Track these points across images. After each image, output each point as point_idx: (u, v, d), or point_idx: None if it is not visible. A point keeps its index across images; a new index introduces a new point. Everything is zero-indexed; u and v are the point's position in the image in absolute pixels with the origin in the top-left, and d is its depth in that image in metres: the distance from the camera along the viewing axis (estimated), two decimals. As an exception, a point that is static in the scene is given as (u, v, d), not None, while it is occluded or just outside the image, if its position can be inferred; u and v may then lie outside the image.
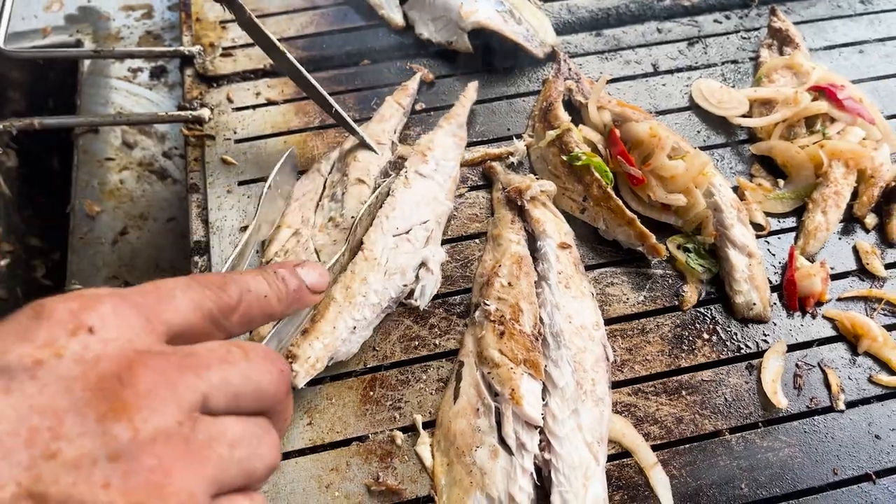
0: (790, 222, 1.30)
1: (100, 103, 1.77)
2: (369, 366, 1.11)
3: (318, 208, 1.25)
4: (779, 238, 1.28)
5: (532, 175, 1.32)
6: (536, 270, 1.18)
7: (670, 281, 1.22)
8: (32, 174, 1.87)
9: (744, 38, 1.61)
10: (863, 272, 1.24)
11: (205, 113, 1.40)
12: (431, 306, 1.17)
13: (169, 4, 1.95)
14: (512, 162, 1.37)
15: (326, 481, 1.00)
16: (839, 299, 1.20)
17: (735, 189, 1.32)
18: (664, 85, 1.51)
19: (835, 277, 1.23)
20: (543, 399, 1.02)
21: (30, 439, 0.44)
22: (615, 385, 1.09)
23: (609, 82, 1.49)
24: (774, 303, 1.19)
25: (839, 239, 1.28)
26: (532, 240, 1.23)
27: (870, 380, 1.11)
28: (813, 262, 1.23)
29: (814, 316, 1.18)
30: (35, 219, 1.84)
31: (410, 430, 1.05)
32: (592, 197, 1.25)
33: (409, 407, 1.07)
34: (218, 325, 0.59)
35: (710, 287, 1.21)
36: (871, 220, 1.30)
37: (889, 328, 1.16)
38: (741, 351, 1.14)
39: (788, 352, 1.13)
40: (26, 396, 0.46)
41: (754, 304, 1.16)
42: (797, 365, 1.12)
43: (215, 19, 1.60)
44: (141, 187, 1.66)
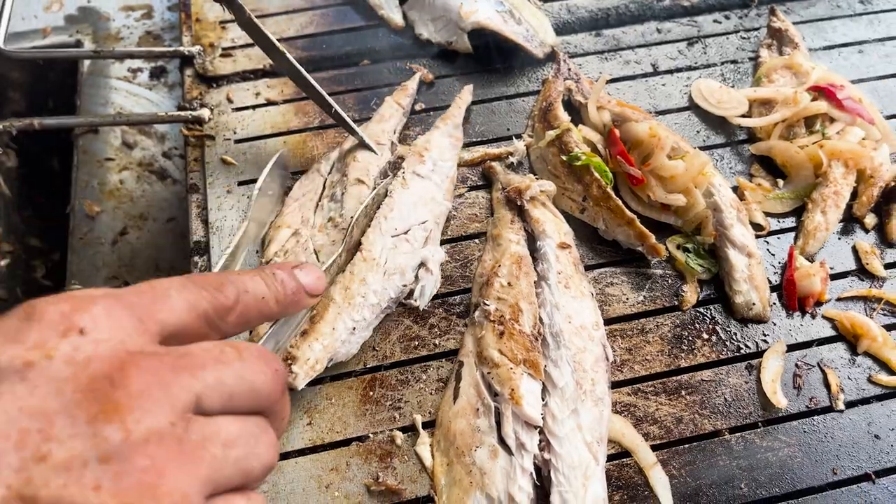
0: (790, 222, 1.30)
1: (100, 103, 1.77)
2: (369, 366, 1.11)
3: (318, 208, 1.25)
4: (778, 238, 1.28)
5: (532, 175, 1.32)
6: (536, 270, 1.18)
7: (670, 281, 1.22)
8: (32, 174, 1.87)
9: (743, 38, 1.61)
10: (862, 272, 1.24)
11: (204, 113, 1.40)
12: (431, 306, 1.17)
13: (169, 5, 1.96)
14: (511, 162, 1.37)
15: (326, 481, 1.00)
16: (839, 299, 1.20)
17: (735, 189, 1.32)
18: (664, 85, 1.51)
19: (834, 277, 1.23)
20: (543, 399, 1.02)
21: (20, 441, 0.44)
22: (615, 385, 1.09)
23: (609, 82, 1.49)
24: (774, 303, 1.19)
25: (839, 239, 1.28)
26: (532, 240, 1.23)
27: (869, 380, 1.11)
28: (812, 262, 1.23)
29: (813, 316, 1.18)
30: (35, 219, 1.84)
31: (410, 430, 1.05)
32: (592, 197, 1.25)
33: (409, 407, 1.07)
34: (213, 326, 0.59)
35: (710, 287, 1.22)
36: (871, 220, 1.30)
37: (888, 328, 1.16)
38: (741, 351, 1.14)
39: (788, 352, 1.13)
40: (16, 398, 0.45)
41: (754, 304, 1.16)
42: (797, 365, 1.13)
43: (215, 19, 1.60)
44: (141, 187, 1.66)
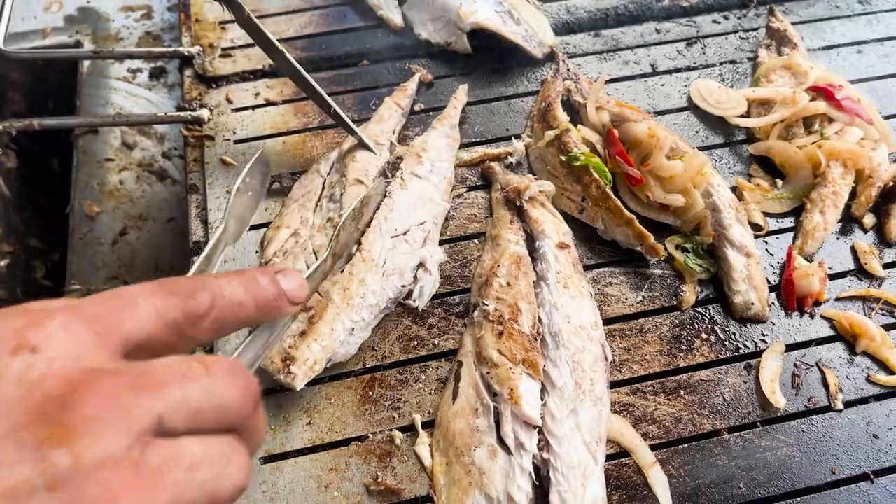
0: (788, 222, 1.31)
1: (99, 104, 1.77)
2: (368, 366, 1.11)
3: (317, 209, 1.25)
4: (777, 238, 1.28)
5: (531, 175, 1.32)
6: (535, 270, 1.18)
7: (669, 281, 1.22)
8: (32, 175, 1.87)
9: (742, 39, 1.61)
10: (861, 272, 1.24)
11: (204, 113, 1.40)
12: (430, 306, 1.18)
13: (168, 5, 1.96)
14: (511, 162, 1.37)
15: (325, 481, 1.00)
16: (837, 299, 1.20)
17: (733, 189, 1.32)
18: (663, 85, 1.51)
19: (833, 277, 1.23)
20: (542, 399, 1.02)
21: None
22: (614, 385, 1.09)
23: (608, 82, 1.49)
24: (773, 303, 1.20)
25: (837, 239, 1.29)
26: (531, 240, 1.23)
27: (868, 379, 1.11)
28: (811, 262, 1.23)
29: (812, 316, 1.19)
30: (35, 219, 1.84)
31: (409, 430, 1.05)
32: (591, 197, 1.25)
33: (408, 407, 1.07)
34: (185, 334, 0.56)
35: (709, 287, 1.22)
36: (869, 220, 1.30)
37: (887, 328, 1.16)
38: (739, 351, 1.14)
39: (787, 351, 1.14)
40: None
41: (752, 304, 1.16)
42: (795, 365, 1.13)
43: (214, 20, 1.61)
44: (140, 188, 1.67)
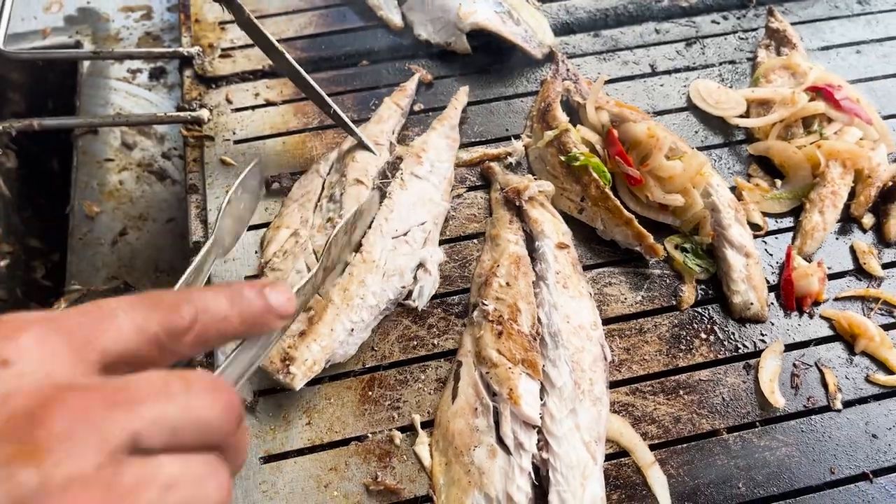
0: (787, 222, 1.31)
1: (99, 104, 1.77)
2: (368, 366, 1.11)
3: (317, 209, 1.25)
4: (776, 238, 1.29)
5: (530, 175, 1.33)
6: (534, 270, 1.18)
7: (668, 281, 1.22)
8: (32, 175, 1.87)
9: (741, 39, 1.61)
10: (860, 272, 1.24)
11: (204, 114, 1.40)
12: (430, 306, 1.18)
13: (168, 5, 1.96)
14: (510, 162, 1.37)
15: (325, 481, 1.00)
16: (836, 299, 1.21)
17: (733, 189, 1.32)
18: (662, 85, 1.52)
19: (832, 277, 1.23)
20: (541, 399, 1.02)
21: None
22: (613, 385, 1.09)
23: (607, 83, 1.49)
24: (772, 302, 1.20)
25: (836, 239, 1.29)
26: (530, 240, 1.23)
27: (867, 379, 1.12)
28: (810, 262, 1.23)
29: (811, 316, 1.19)
30: (34, 220, 1.84)
31: (409, 430, 1.05)
32: (590, 197, 1.25)
33: (408, 407, 1.07)
34: (166, 349, 0.55)
35: (708, 287, 1.22)
36: (868, 220, 1.30)
37: (886, 328, 1.16)
38: (739, 350, 1.14)
39: (786, 351, 1.14)
40: None
41: (752, 304, 1.16)
42: (794, 364, 1.13)
43: (214, 20, 1.61)
44: (140, 188, 1.67)
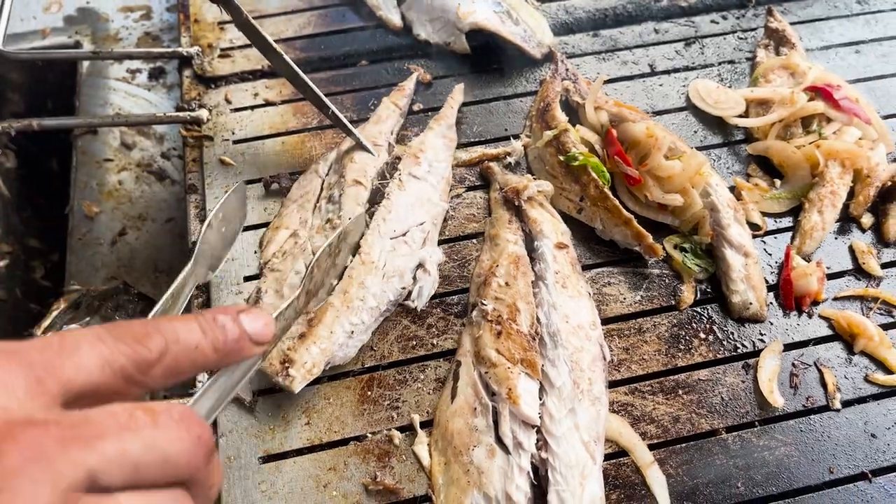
0: (787, 222, 1.31)
1: (98, 104, 1.77)
2: (367, 366, 1.11)
3: (316, 209, 1.25)
4: (775, 238, 1.29)
5: (529, 175, 1.33)
6: (533, 270, 1.18)
7: (667, 280, 1.22)
8: (31, 175, 1.87)
9: (740, 39, 1.61)
10: (859, 272, 1.24)
11: (203, 114, 1.40)
12: (429, 306, 1.18)
13: (167, 6, 1.96)
14: (509, 162, 1.37)
15: (324, 481, 1.00)
16: (835, 299, 1.21)
17: (732, 189, 1.32)
18: (661, 85, 1.52)
19: (831, 277, 1.23)
20: (540, 398, 1.02)
21: None
22: (612, 384, 1.09)
23: (606, 83, 1.49)
24: (771, 302, 1.20)
25: (835, 238, 1.29)
26: (529, 240, 1.23)
27: (866, 379, 1.12)
28: (809, 262, 1.23)
29: (810, 315, 1.19)
30: (34, 220, 1.84)
31: (408, 430, 1.05)
32: (589, 197, 1.25)
33: (407, 406, 1.07)
34: (134, 381, 0.53)
35: (707, 287, 1.22)
36: (868, 220, 1.30)
37: (885, 327, 1.16)
38: (738, 350, 1.15)
39: (785, 351, 1.14)
40: None
41: (751, 304, 1.16)
42: (793, 364, 1.13)
43: (213, 20, 1.61)
44: (139, 188, 1.67)
